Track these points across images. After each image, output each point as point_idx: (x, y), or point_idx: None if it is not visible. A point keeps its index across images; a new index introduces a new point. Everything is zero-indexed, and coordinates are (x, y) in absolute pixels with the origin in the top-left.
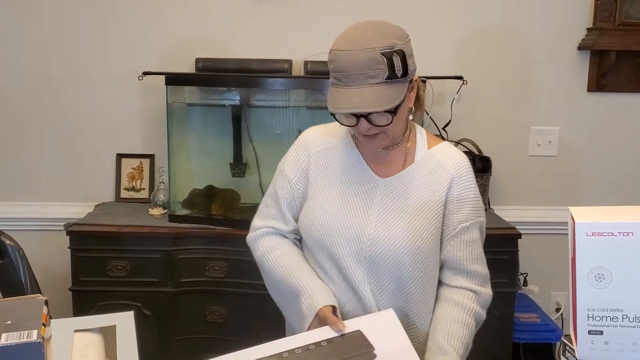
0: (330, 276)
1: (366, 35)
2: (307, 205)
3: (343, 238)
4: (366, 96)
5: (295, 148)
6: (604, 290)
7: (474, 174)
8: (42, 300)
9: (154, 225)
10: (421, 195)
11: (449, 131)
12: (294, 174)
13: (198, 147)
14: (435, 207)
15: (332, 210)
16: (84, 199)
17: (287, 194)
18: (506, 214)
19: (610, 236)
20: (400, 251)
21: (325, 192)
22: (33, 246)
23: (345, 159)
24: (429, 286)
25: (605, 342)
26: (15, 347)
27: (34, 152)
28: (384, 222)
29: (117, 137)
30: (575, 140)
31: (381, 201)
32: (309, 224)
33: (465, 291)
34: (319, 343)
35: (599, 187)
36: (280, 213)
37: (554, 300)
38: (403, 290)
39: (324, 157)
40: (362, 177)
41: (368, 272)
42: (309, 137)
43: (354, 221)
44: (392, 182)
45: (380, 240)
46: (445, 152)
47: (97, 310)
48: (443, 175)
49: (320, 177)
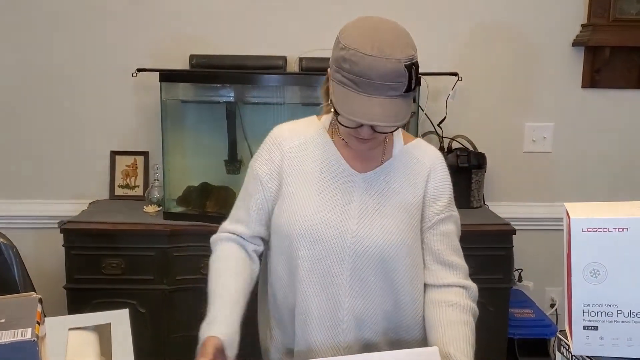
0: (307, 279)
1: (390, 42)
2: (284, 205)
3: (324, 237)
4: (387, 109)
5: (267, 146)
6: (599, 286)
7: (471, 171)
8: (36, 298)
9: (148, 222)
10: (401, 189)
11: (443, 128)
12: (265, 172)
13: (192, 144)
14: (415, 200)
15: (312, 209)
16: (78, 197)
17: (257, 194)
18: (501, 210)
19: (605, 232)
20: (385, 245)
21: (303, 190)
22: (27, 244)
23: (322, 155)
24: (416, 282)
25: (601, 338)
26: (9, 345)
27: (27, 149)
28: (366, 218)
29: (111, 134)
30: (570, 136)
31: (361, 197)
32: (287, 223)
33: (455, 289)
34: None
35: (593, 183)
36: (247, 215)
37: (548, 296)
38: (391, 288)
39: (298, 154)
40: (340, 173)
41: (352, 272)
42: (282, 134)
43: (336, 218)
44: (371, 177)
45: (363, 236)
46: (420, 147)
47: (92, 309)
48: (420, 169)
49: (296, 175)
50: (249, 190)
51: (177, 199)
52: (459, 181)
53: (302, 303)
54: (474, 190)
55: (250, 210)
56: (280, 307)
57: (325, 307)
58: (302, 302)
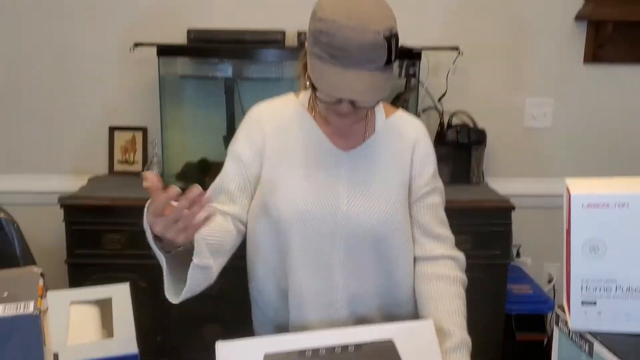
0: (299, 262)
1: (369, 13)
2: (270, 189)
3: (316, 217)
4: (366, 83)
5: (247, 128)
6: (598, 262)
7: (470, 147)
8: (38, 272)
9: (148, 198)
10: (387, 164)
11: (444, 103)
12: (247, 154)
13: (191, 120)
14: (402, 176)
15: (300, 192)
16: (77, 173)
17: (239, 177)
18: (500, 186)
19: (605, 208)
20: (377, 224)
21: (289, 172)
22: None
23: (304, 135)
24: (408, 256)
25: (599, 313)
26: (12, 319)
27: (26, 125)
28: (356, 197)
29: (109, 110)
30: (571, 112)
31: (348, 175)
32: (277, 208)
33: (444, 261)
34: (346, 347)
35: (594, 159)
36: (229, 199)
37: (546, 272)
38: (384, 264)
39: (280, 136)
40: (324, 153)
41: (345, 252)
42: (262, 115)
43: (325, 200)
44: (356, 155)
45: (355, 216)
46: (403, 120)
47: (93, 283)
48: (405, 143)
49: (280, 158)
50: (229, 173)
51: (176, 174)
52: (459, 157)
53: (296, 286)
54: (474, 167)
55: (232, 193)
56: (272, 292)
57: (320, 289)
58: (295, 286)
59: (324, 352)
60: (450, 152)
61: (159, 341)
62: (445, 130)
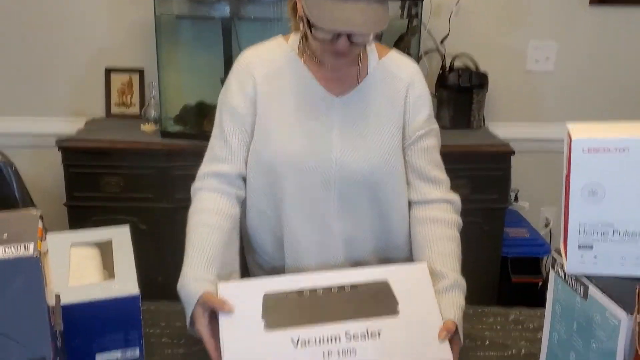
0: (294, 211)
1: None
2: (262, 138)
3: (309, 167)
4: (366, 14)
5: (237, 76)
6: (596, 206)
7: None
8: (37, 214)
9: (146, 141)
10: (381, 108)
11: (446, 45)
12: (242, 104)
13: (188, 62)
14: (395, 118)
15: (292, 139)
16: (74, 115)
17: (237, 129)
18: (501, 130)
19: (606, 152)
20: (370, 169)
21: (280, 120)
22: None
23: (295, 81)
24: (402, 199)
25: (595, 257)
26: (12, 261)
27: (21, 67)
28: (349, 143)
29: (104, 51)
30: (574, 55)
31: (341, 121)
32: (269, 157)
33: (439, 204)
34: (343, 287)
35: (596, 103)
36: (230, 152)
37: (543, 216)
38: (379, 208)
39: (271, 82)
40: (316, 99)
41: (340, 198)
42: (251, 62)
43: (318, 147)
44: (349, 100)
45: (348, 163)
46: (396, 61)
47: (93, 225)
48: (398, 86)
49: (272, 105)
50: (226, 126)
51: (174, 117)
52: (460, 101)
53: (291, 235)
54: (475, 111)
55: (232, 147)
56: (267, 240)
57: (315, 235)
58: (290, 234)
59: (321, 292)
60: (452, 96)
61: (160, 282)
62: (447, 73)
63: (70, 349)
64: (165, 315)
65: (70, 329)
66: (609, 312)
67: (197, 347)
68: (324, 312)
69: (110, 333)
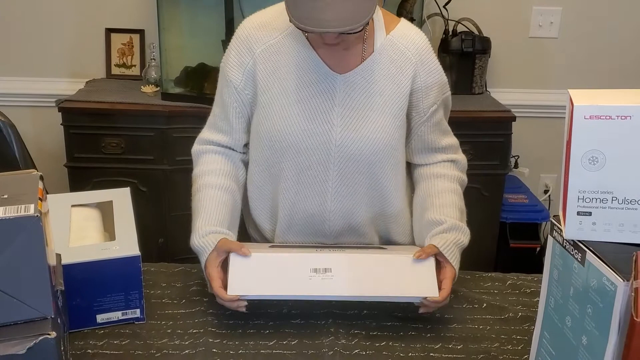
0: (290, 188)
1: None
2: (261, 114)
3: (308, 147)
4: (339, 10)
5: (237, 48)
6: (596, 173)
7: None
8: (37, 175)
9: (147, 103)
10: (385, 88)
11: (449, 9)
12: (239, 78)
13: (189, 23)
14: (400, 100)
15: (291, 118)
16: (74, 75)
17: (235, 102)
18: (502, 96)
19: (608, 119)
20: (371, 151)
21: (281, 97)
22: (25, 122)
23: (296, 56)
24: (399, 175)
25: (593, 223)
26: (13, 220)
27: (21, 27)
28: (350, 124)
29: (104, 10)
30: (578, 21)
31: (343, 101)
32: (268, 136)
33: (442, 163)
34: (342, 247)
35: (599, 70)
36: (229, 125)
37: (542, 182)
38: (375, 184)
39: (271, 57)
40: (318, 76)
41: (339, 179)
42: (251, 35)
43: (318, 127)
44: (353, 78)
45: (348, 145)
46: (405, 35)
47: (93, 187)
48: (406, 65)
49: (272, 81)
50: (225, 98)
51: (174, 79)
52: (462, 66)
53: (286, 210)
54: (477, 76)
55: (230, 119)
56: (261, 212)
57: (311, 212)
58: (286, 210)
59: (320, 249)
60: (454, 61)
61: (160, 243)
62: (449, 38)
63: (71, 309)
64: (166, 276)
65: (71, 289)
66: (605, 278)
67: (198, 307)
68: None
69: (110, 294)
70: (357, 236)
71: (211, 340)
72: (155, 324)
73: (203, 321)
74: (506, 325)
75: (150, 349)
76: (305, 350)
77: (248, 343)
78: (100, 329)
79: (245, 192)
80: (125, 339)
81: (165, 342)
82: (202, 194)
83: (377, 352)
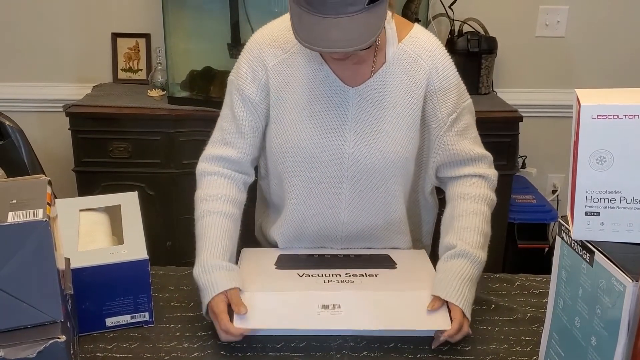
0: (304, 201)
1: None
2: (274, 129)
3: (321, 161)
4: (346, 30)
5: (249, 62)
6: (604, 173)
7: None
8: (45, 180)
9: (153, 107)
10: (398, 100)
11: (455, 10)
12: (254, 92)
13: (195, 27)
14: (413, 110)
15: (304, 132)
16: (81, 80)
17: (250, 116)
18: (510, 96)
19: (615, 119)
20: (384, 166)
21: (293, 111)
22: (32, 128)
23: (308, 70)
24: (408, 184)
25: (601, 223)
26: (22, 225)
27: (28, 32)
28: (363, 139)
29: (111, 15)
30: (585, 20)
31: (355, 114)
32: (280, 150)
33: (472, 178)
34: (348, 255)
35: (606, 69)
36: (242, 139)
37: (550, 182)
38: (388, 198)
39: (284, 71)
40: (330, 90)
41: (352, 193)
42: (262, 48)
43: (331, 142)
44: (365, 91)
45: (361, 159)
46: (417, 43)
47: (101, 191)
48: (419, 73)
49: (284, 95)
50: (237, 111)
51: (180, 83)
52: (468, 66)
53: (297, 223)
54: (483, 76)
55: (245, 133)
56: (271, 223)
57: (324, 225)
58: (297, 222)
59: (328, 256)
60: (460, 61)
61: (168, 246)
62: (455, 38)
63: (80, 313)
64: (174, 280)
65: (80, 293)
66: (614, 278)
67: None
68: (329, 265)
69: (119, 297)
70: (367, 242)
71: (219, 343)
72: (164, 327)
73: (211, 324)
74: (515, 326)
75: (159, 352)
76: (314, 353)
77: (256, 346)
78: (110, 333)
79: (252, 202)
80: (135, 342)
81: (174, 345)
82: (205, 220)
83: (386, 354)
